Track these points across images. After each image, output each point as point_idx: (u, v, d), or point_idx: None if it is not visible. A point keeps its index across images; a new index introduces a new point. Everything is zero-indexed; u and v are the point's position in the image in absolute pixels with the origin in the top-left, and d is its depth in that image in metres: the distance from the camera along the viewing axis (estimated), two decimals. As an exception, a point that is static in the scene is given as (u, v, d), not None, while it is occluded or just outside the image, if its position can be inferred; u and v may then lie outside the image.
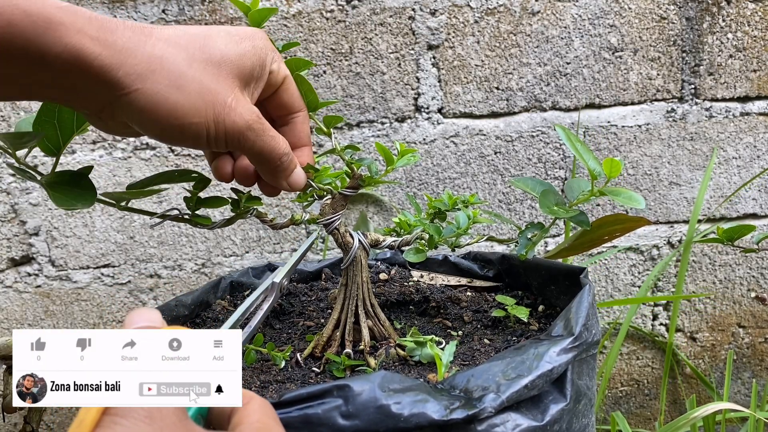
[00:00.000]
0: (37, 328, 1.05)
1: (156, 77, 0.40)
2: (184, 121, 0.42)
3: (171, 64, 0.41)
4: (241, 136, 0.45)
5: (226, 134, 0.44)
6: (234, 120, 0.44)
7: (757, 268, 1.11)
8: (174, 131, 0.42)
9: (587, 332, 0.52)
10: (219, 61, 0.44)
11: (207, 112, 0.42)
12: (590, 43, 0.99)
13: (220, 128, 0.43)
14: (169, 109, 0.41)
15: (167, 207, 0.99)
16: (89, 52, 0.38)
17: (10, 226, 0.99)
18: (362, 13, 0.96)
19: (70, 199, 0.48)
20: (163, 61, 0.41)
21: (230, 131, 0.44)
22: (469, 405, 0.44)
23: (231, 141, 0.45)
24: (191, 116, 0.42)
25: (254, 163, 0.49)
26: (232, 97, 0.44)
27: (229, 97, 0.44)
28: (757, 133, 1.05)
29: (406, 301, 0.72)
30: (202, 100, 0.42)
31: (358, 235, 0.61)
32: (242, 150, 0.46)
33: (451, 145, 1.01)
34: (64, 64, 0.37)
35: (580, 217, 0.56)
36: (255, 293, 0.52)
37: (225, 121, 0.43)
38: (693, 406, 0.99)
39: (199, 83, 0.42)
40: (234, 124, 0.44)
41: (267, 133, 0.47)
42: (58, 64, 0.37)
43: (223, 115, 0.43)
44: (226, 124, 0.43)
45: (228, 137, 0.44)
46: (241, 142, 0.45)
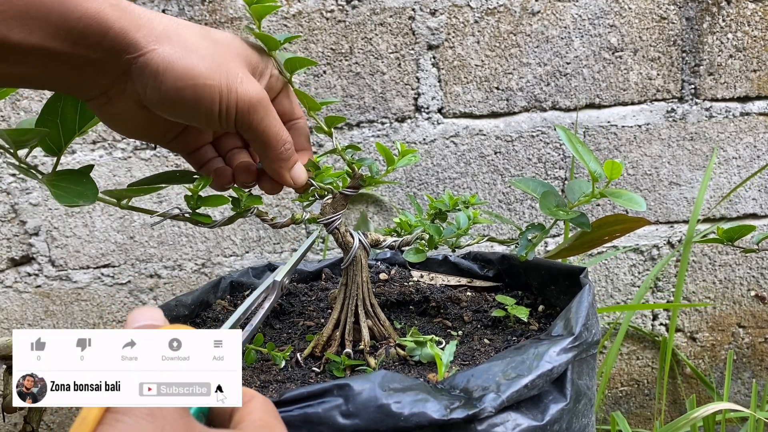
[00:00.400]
0: (37, 328, 1.05)
1: (172, 41, 0.42)
2: (199, 81, 0.42)
3: (185, 33, 0.43)
4: (251, 108, 0.45)
5: (237, 103, 0.44)
6: (246, 90, 0.44)
7: (757, 268, 1.11)
8: (189, 93, 0.42)
9: (587, 332, 0.52)
10: (227, 45, 0.46)
11: (221, 77, 0.43)
12: (590, 43, 0.99)
13: (233, 96, 0.44)
14: (185, 67, 0.42)
15: (167, 207, 0.99)
16: (109, 16, 0.39)
17: (10, 226, 0.99)
18: (362, 13, 0.96)
19: (72, 197, 0.48)
20: (179, 30, 0.43)
21: (242, 100, 0.44)
22: (469, 405, 0.44)
23: (241, 113, 0.45)
24: (206, 77, 0.42)
25: (258, 147, 0.49)
26: (242, 72, 0.45)
27: (240, 71, 0.45)
28: (757, 133, 1.05)
29: (406, 301, 0.72)
30: (216, 65, 0.43)
31: (359, 235, 0.61)
32: (249, 127, 0.46)
33: (451, 145, 1.01)
34: (84, 29, 0.39)
35: (580, 218, 0.56)
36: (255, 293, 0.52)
37: (238, 90, 0.44)
38: (693, 406, 0.99)
39: (213, 53, 0.43)
40: (246, 94, 0.44)
41: (274, 115, 0.47)
42: (78, 29, 0.38)
43: (235, 83, 0.44)
44: (238, 92, 0.44)
45: (239, 107, 0.44)
46: (250, 115, 0.45)
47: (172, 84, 0.42)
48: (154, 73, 0.41)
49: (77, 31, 0.39)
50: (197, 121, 0.45)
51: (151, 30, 0.41)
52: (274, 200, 1.02)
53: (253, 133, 0.47)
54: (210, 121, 0.45)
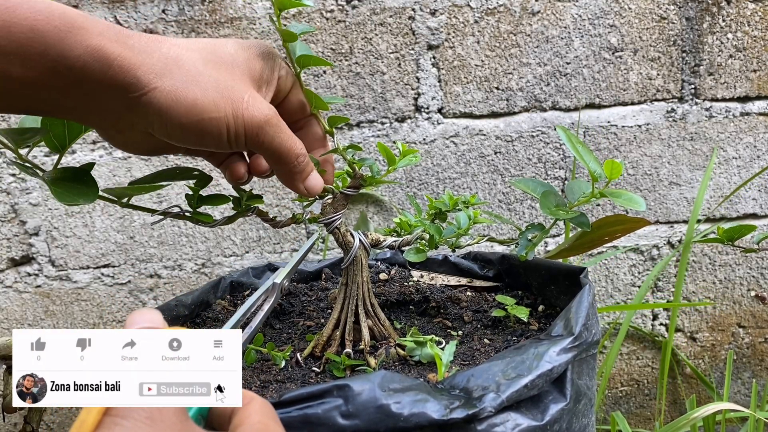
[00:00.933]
0: (37, 328, 1.05)
1: (174, 75, 0.41)
2: (204, 116, 0.42)
3: (186, 63, 0.42)
4: (260, 130, 0.45)
5: (245, 128, 0.44)
6: (253, 114, 0.44)
7: (757, 268, 1.11)
8: (194, 128, 0.42)
9: (587, 332, 0.52)
10: (231, 63, 0.45)
11: (225, 107, 0.43)
12: (590, 43, 0.99)
13: (239, 122, 0.44)
14: (188, 104, 0.41)
15: (168, 206, 0.99)
16: (110, 52, 0.39)
17: (10, 226, 0.99)
18: (362, 13, 0.96)
19: (72, 195, 0.48)
20: (179, 60, 0.42)
21: (249, 125, 0.44)
22: (469, 405, 0.44)
23: (250, 136, 0.45)
24: (210, 111, 0.42)
25: (271, 162, 0.49)
26: (248, 95, 0.45)
27: (245, 94, 0.44)
28: (757, 133, 1.05)
29: (406, 301, 0.72)
30: (220, 95, 0.43)
31: (359, 235, 0.61)
32: (260, 147, 0.47)
33: (451, 145, 1.01)
34: (84, 66, 0.38)
35: (580, 218, 0.56)
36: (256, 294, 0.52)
37: (244, 115, 0.44)
38: (693, 406, 0.99)
39: (216, 80, 0.43)
40: (253, 118, 0.44)
41: (284, 131, 0.47)
42: (78, 66, 0.38)
43: (241, 109, 0.44)
44: (245, 117, 0.44)
45: (247, 132, 0.44)
46: (260, 137, 0.45)
47: (177, 121, 0.42)
48: (157, 112, 0.41)
49: (77, 68, 0.38)
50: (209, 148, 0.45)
51: (151, 66, 0.40)
52: (274, 200, 1.02)
53: (264, 152, 0.48)
54: (221, 147, 0.45)
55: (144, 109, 0.41)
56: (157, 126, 0.42)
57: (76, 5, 0.92)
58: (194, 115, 0.42)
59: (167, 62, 0.41)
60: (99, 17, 1.02)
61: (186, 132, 0.43)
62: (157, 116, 0.41)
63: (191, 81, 0.42)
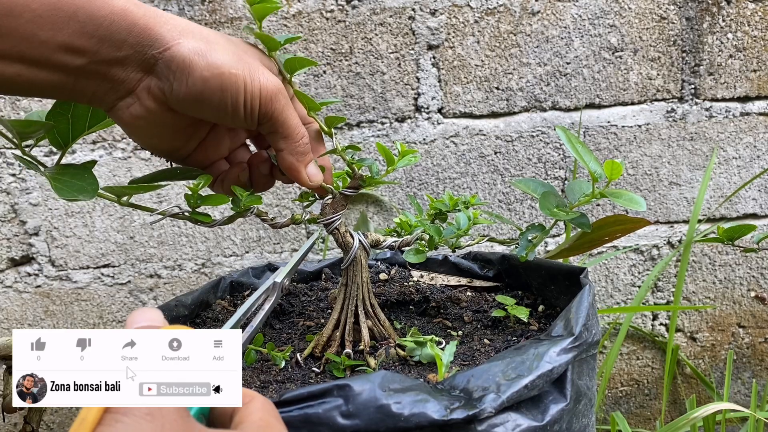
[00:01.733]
0: (37, 328, 1.05)
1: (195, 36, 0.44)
2: (225, 71, 0.44)
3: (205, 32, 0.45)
4: (273, 97, 0.47)
5: (261, 92, 0.46)
6: (267, 79, 0.46)
7: (757, 268, 1.11)
8: (215, 83, 0.44)
9: (587, 332, 0.52)
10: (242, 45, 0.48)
11: (244, 68, 0.45)
12: (590, 43, 0.99)
13: (256, 84, 0.45)
14: (210, 60, 0.43)
15: (167, 206, 0.99)
16: (134, 13, 0.41)
17: (10, 226, 0.99)
18: (362, 13, 0.96)
19: (73, 191, 0.48)
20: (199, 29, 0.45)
21: (264, 89, 0.46)
22: (469, 405, 0.44)
23: (265, 101, 0.46)
24: (230, 66, 0.44)
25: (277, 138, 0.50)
26: (261, 68, 0.47)
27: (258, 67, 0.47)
28: (757, 133, 1.05)
29: (406, 301, 0.72)
30: (237, 59, 0.45)
31: (359, 235, 0.61)
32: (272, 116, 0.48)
33: (451, 145, 1.01)
34: (111, 25, 0.40)
35: (580, 219, 0.56)
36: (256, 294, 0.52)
37: (260, 80, 0.46)
38: (693, 406, 0.99)
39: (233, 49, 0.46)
40: (267, 85, 0.46)
41: (292, 107, 0.49)
42: (105, 25, 0.40)
43: (257, 73, 0.46)
44: (261, 82, 0.46)
45: (263, 96, 0.46)
46: (273, 104, 0.47)
47: (199, 74, 0.43)
48: (181, 65, 0.43)
49: (104, 27, 0.40)
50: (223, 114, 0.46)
51: (175, 26, 0.43)
52: (274, 200, 1.02)
53: (274, 124, 0.48)
54: (236, 113, 0.46)
55: (166, 65, 0.43)
56: (178, 83, 0.44)
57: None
58: (216, 68, 0.43)
59: (189, 26, 0.44)
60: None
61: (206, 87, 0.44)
62: (179, 70, 0.43)
63: (213, 42, 0.44)
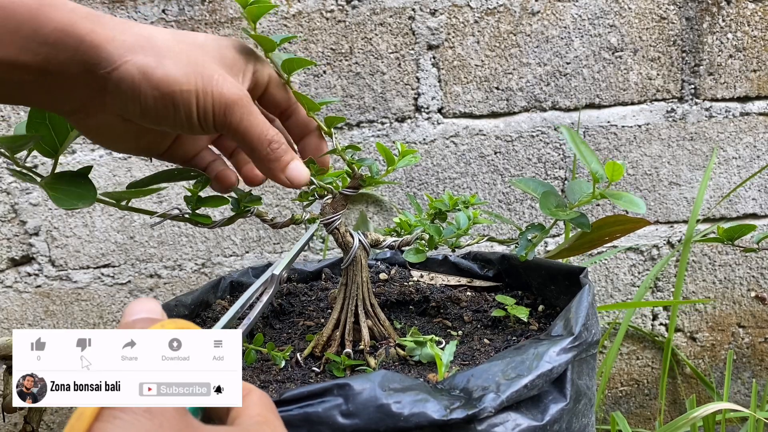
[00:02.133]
0: (37, 328, 1.05)
1: (145, 50, 0.41)
2: (175, 88, 0.42)
3: (158, 40, 0.42)
4: (228, 109, 0.44)
5: (213, 105, 0.43)
6: (222, 92, 0.43)
7: (757, 268, 1.11)
8: (166, 101, 0.42)
9: (587, 332, 0.52)
10: (201, 46, 0.45)
11: (196, 81, 0.42)
12: (590, 43, 0.99)
13: (208, 98, 0.43)
14: (160, 77, 0.41)
15: (167, 207, 0.99)
16: (81, 28, 0.39)
17: (10, 226, 0.99)
18: (362, 13, 0.96)
19: (71, 199, 0.48)
20: (151, 38, 0.42)
21: (217, 102, 0.43)
22: (469, 405, 0.44)
23: (218, 114, 0.44)
24: (182, 83, 0.42)
25: (243, 148, 0.48)
26: (219, 74, 0.44)
27: (216, 72, 0.44)
28: (757, 133, 1.05)
29: (406, 301, 0.72)
30: (191, 69, 0.42)
31: (359, 235, 0.61)
32: (228, 128, 0.45)
33: (451, 145, 1.01)
34: (57, 42, 0.38)
35: (580, 219, 0.56)
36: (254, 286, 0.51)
37: (213, 92, 0.43)
38: (693, 406, 0.99)
39: (187, 56, 0.43)
40: (222, 96, 0.43)
41: (255, 114, 0.46)
42: (51, 42, 0.38)
43: (211, 85, 0.43)
44: (214, 94, 0.43)
45: (215, 109, 0.44)
46: (227, 117, 0.44)
47: (150, 94, 0.41)
48: (130, 86, 0.41)
49: (49, 44, 0.38)
50: (180, 127, 0.44)
51: (122, 42, 0.40)
52: (274, 200, 1.02)
53: (234, 135, 0.46)
54: (191, 127, 0.44)
55: (116, 85, 0.41)
56: (130, 102, 0.42)
57: (76, 5, 0.92)
58: (166, 87, 0.41)
59: (139, 38, 0.41)
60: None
61: (158, 106, 0.42)
62: (130, 90, 0.41)
63: (163, 55, 0.42)
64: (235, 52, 0.47)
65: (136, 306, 0.33)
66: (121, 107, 0.42)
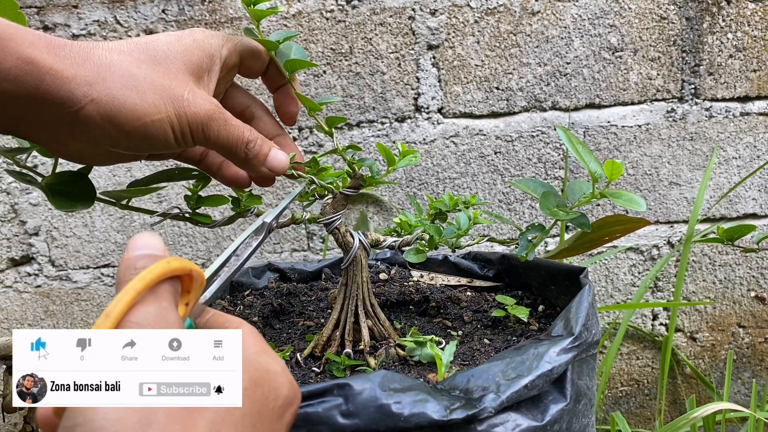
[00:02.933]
0: (37, 328, 1.05)
1: (107, 83, 0.40)
2: (146, 120, 0.41)
3: (119, 68, 0.41)
4: (204, 127, 0.44)
5: (189, 127, 0.43)
6: (195, 111, 0.43)
7: (757, 268, 1.11)
8: (139, 134, 0.41)
9: (587, 332, 0.52)
10: (164, 59, 0.44)
11: (167, 108, 0.42)
12: (590, 43, 0.99)
13: (183, 121, 0.43)
14: (128, 111, 0.40)
15: (167, 207, 0.99)
16: (42, 64, 0.37)
17: (10, 226, 0.99)
18: (362, 13, 0.96)
19: (71, 201, 0.48)
20: (112, 67, 0.41)
21: (193, 123, 0.43)
22: (469, 405, 0.44)
23: (196, 134, 0.44)
24: (152, 114, 0.41)
25: (223, 155, 0.48)
26: (187, 90, 0.43)
27: (184, 90, 0.43)
28: (757, 133, 1.05)
29: (406, 301, 0.72)
30: (158, 96, 0.42)
31: (359, 235, 0.61)
32: (208, 142, 0.45)
33: (451, 145, 1.01)
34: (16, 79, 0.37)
35: (580, 219, 0.56)
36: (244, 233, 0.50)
37: (186, 114, 0.43)
38: (693, 406, 0.99)
39: (151, 82, 0.42)
40: (195, 116, 0.43)
41: (229, 122, 0.46)
42: (11, 78, 0.37)
43: (183, 108, 0.43)
44: (188, 116, 0.43)
45: (193, 130, 0.43)
46: (205, 133, 0.44)
47: (121, 129, 0.41)
48: (99, 124, 0.40)
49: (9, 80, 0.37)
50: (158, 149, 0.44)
51: (84, 78, 0.39)
52: (274, 200, 1.02)
53: (213, 147, 0.46)
54: (169, 147, 0.44)
55: (84, 123, 0.40)
56: (102, 137, 0.41)
57: (75, 5, 0.92)
58: (136, 120, 0.41)
59: (99, 70, 0.40)
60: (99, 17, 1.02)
61: (132, 139, 0.42)
62: (99, 128, 0.40)
63: (127, 86, 0.41)
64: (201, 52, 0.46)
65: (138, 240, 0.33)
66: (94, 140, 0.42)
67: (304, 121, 0.99)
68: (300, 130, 0.99)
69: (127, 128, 0.41)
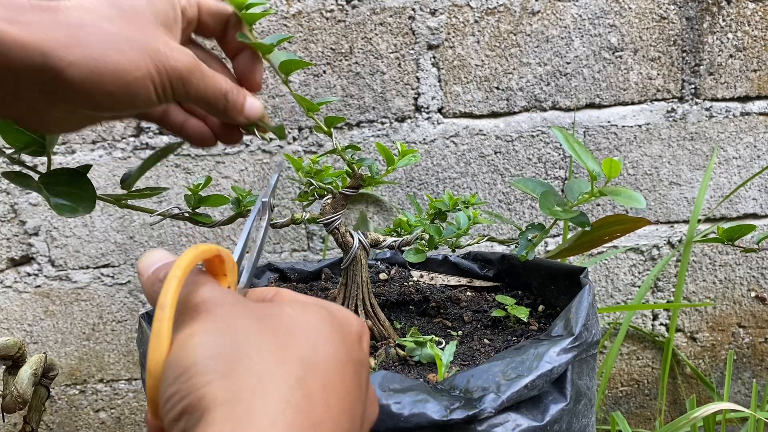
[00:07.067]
0: (37, 328, 1.05)
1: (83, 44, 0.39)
2: (129, 78, 0.40)
3: (93, 28, 0.40)
4: (185, 81, 0.43)
5: (171, 81, 0.42)
6: (173, 65, 0.42)
7: (757, 268, 1.11)
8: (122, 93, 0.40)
9: (587, 332, 0.52)
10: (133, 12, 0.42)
11: (146, 64, 0.41)
12: (590, 42, 0.99)
13: (164, 77, 0.42)
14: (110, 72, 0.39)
15: (167, 206, 0.99)
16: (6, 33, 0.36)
17: (10, 226, 0.99)
18: (362, 13, 0.95)
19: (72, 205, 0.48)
20: (85, 27, 0.39)
21: (173, 77, 0.42)
22: (469, 405, 0.44)
23: (177, 88, 0.43)
24: (133, 71, 0.40)
25: (203, 107, 0.47)
26: (163, 44, 0.42)
27: (160, 45, 0.42)
28: (757, 133, 1.05)
29: (406, 301, 0.72)
30: (136, 52, 0.40)
31: (359, 235, 0.61)
32: (189, 96, 0.44)
33: (451, 145, 1.01)
34: None
35: (580, 218, 0.56)
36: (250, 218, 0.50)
37: (166, 68, 0.42)
38: (693, 406, 0.99)
39: (127, 38, 0.41)
40: (175, 70, 0.42)
41: (207, 74, 0.45)
42: None
43: (162, 62, 0.41)
44: (167, 70, 0.42)
45: (174, 84, 0.43)
46: (186, 87, 0.43)
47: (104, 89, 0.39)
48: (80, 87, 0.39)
49: None
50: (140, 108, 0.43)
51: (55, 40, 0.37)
52: (273, 200, 1.01)
53: (193, 101, 0.45)
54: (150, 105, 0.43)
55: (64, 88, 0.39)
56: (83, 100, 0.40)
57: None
58: (119, 80, 0.39)
59: (72, 31, 0.38)
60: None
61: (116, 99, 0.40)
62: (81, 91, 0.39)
63: (105, 45, 0.39)
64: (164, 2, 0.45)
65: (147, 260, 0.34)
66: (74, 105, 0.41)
67: (304, 120, 0.99)
68: (300, 129, 0.99)
69: (110, 88, 0.39)
